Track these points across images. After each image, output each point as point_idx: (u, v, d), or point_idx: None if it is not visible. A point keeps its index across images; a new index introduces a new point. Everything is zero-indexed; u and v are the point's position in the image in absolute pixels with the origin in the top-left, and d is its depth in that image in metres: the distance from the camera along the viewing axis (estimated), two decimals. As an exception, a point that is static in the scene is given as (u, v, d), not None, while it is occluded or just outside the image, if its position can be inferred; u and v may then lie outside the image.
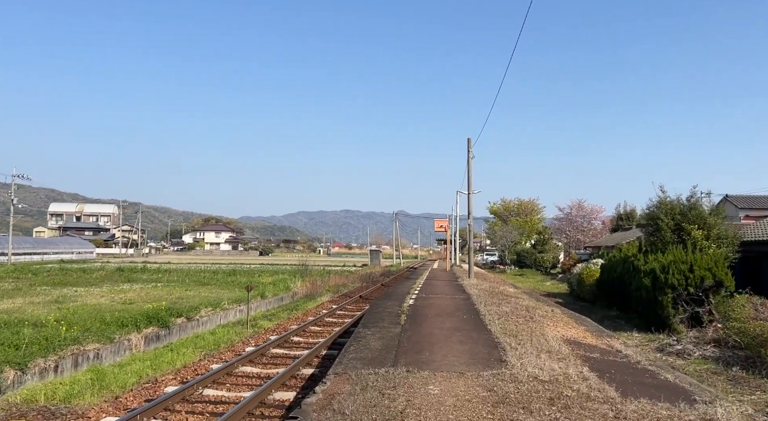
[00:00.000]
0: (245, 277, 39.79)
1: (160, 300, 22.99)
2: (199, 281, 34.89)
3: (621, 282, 20.87)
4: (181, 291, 28.10)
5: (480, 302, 13.10)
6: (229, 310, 20.11)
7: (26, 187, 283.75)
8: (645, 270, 17.42)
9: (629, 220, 47.02)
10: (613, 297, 22.72)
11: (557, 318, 11.88)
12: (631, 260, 20.15)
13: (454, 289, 18.51)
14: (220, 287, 30.75)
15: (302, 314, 18.75)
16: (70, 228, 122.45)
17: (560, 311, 13.79)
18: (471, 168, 21.54)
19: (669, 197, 20.15)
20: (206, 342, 13.60)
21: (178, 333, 15.81)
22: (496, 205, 78.37)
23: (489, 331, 9.34)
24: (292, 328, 15.08)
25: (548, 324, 10.62)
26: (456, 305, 13.13)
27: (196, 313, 17.69)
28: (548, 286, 40.28)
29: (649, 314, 17.09)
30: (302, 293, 27.87)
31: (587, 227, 69.49)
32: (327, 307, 20.97)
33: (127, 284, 32.44)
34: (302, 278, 31.80)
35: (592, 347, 9.05)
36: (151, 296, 24.65)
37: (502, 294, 16.28)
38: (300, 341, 13.14)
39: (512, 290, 19.74)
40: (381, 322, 10.44)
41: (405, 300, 14.31)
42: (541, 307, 13.54)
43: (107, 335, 13.01)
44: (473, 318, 10.81)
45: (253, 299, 23.30)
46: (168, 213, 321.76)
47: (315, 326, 15.51)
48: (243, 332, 15.24)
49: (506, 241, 66.31)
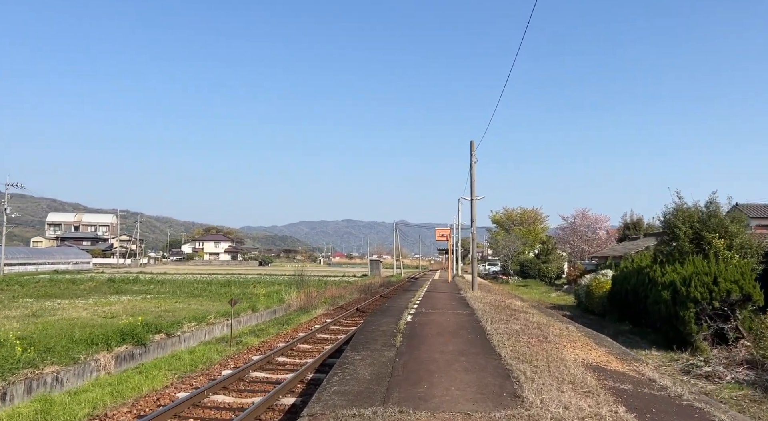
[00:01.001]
0: (240, 288, 38.50)
1: (146, 313, 21.71)
2: (190, 292, 33.60)
3: (635, 295, 19.52)
4: (170, 303, 26.88)
5: (486, 319, 11.77)
6: (215, 324, 18.80)
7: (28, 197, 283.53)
8: (663, 282, 16.08)
9: (636, 229, 45.65)
10: (625, 311, 21.35)
11: (573, 337, 10.54)
12: (647, 271, 18.82)
13: (457, 302, 17.16)
14: (211, 299, 29.48)
15: (293, 330, 17.43)
16: (68, 238, 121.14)
17: (575, 328, 12.43)
18: (474, 173, 20.27)
19: (686, 204, 18.85)
20: (182, 363, 12.27)
21: (156, 351, 14.49)
22: (498, 214, 77.07)
23: (498, 355, 8.02)
24: (278, 346, 13.75)
25: (565, 345, 9.29)
26: (459, 322, 11.80)
27: (178, 328, 16.38)
28: (554, 297, 38.86)
29: (669, 330, 15.74)
30: (297, 306, 26.55)
31: (591, 236, 68.06)
32: (321, 321, 19.65)
33: (115, 296, 31.16)
34: (298, 289, 30.49)
35: (621, 374, 7.72)
36: (137, 309, 23.39)
37: (509, 308, 14.94)
38: (285, 362, 11.82)
39: (519, 303, 18.38)
40: (373, 343, 9.12)
41: (402, 316, 12.98)
42: (554, 324, 12.21)
43: (72, 355, 11.72)
44: (479, 338, 9.49)
45: (243, 313, 21.99)
46: (170, 223, 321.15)
47: (305, 344, 14.18)
48: (225, 351, 13.92)
49: (509, 251, 64.96)
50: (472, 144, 20.45)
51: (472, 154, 20.26)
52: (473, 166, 20.25)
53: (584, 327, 14.31)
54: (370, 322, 12.00)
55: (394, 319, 12.29)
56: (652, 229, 46.51)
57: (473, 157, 20.17)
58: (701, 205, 18.57)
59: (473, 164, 20.23)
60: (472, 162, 20.25)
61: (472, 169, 20.30)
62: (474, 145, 20.37)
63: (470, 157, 20.31)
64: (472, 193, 20.27)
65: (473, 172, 20.27)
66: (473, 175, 20.26)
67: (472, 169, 20.32)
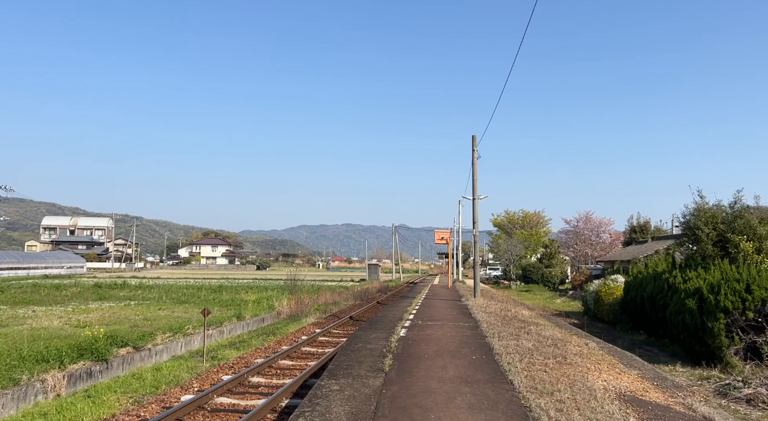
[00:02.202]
0: (231, 293, 36.91)
1: (123, 322, 20.14)
2: (177, 298, 32.00)
3: (652, 303, 17.94)
4: (153, 311, 25.33)
5: (492, 333, 10.18)
6: (194, 335, 17.19)
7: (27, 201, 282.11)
8: (687, 290, 14.49)
9: (644, 233, 44.09)
10: (640, 320, 19.77)
11: (597, 357, 8.95)
12: (665, 277, 17.25)
13: (458, 312, 15.55)
14: (198, 306, 27.90)
15: (276, 342, 15.83)
16: (63, 242, 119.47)
17: (595, 344, 10.80)
18: (476, 169, 18.67)
19: (708, 203, 17.27)
20: (142, 384, 10.68)
21: (119, 368, 12.89)
22: (499, 218, 75.44)
23: (511, 383, 6.44)
24: (256, 362, 12.17)
25: (589, 368, 7.71)
26: (461, 337, 10.20)
27: (149, 341, 14.79)
28: (559, 304, 37.26)
29: (694, 342, 14.15)
30: (287, 313, 24.95)
31: (596, 240, 66.49)
32: (309, 331, 18.05)
33: (97, 303, 29.58)
34: (292, 295, 28.89)
35: (665, 410, 6.13)
36: (115, 317, 21.84)
37: (517, 319, 13.35)
38: (260, 382, 10.23)
39: (527, 312, 16.75)
40: (357, 367, 7.54)
41: (396, 329, 11.38)
42: (571, 339, 10.61)
43: (13, 375, 10.14)
44: (486, 360, 7.90)
45: (227, 322, 20.40)
46: (169, 227, 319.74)
47: (286, 359, 12.59)
48: (197, 367, 12.33)
49: (511, 255, 63.36)
50: (473, 138, 18.84)
51: (474, 149, 18.65)
52: (475, 163, 18.65)
53: (604, 342, 12.69)
54: (357, 338, 10.38)
55: (385, 333, 10.69)
56: (660, 232, 44.95)
57: (475, 152, 18.58)
58: (725, 205, 16.99)
59: (475, 160, 18.63)
60: (474, 158, 18.67)
61: (474, 165, 18.70)
62: (476, 139, 18.73)
63: (472, 152, 18.72)
64: (474, 191, 18.65)
65: (475, 168, 18.66)
66: (475, 171, 18.65)
67: (474, 165, 18.72)
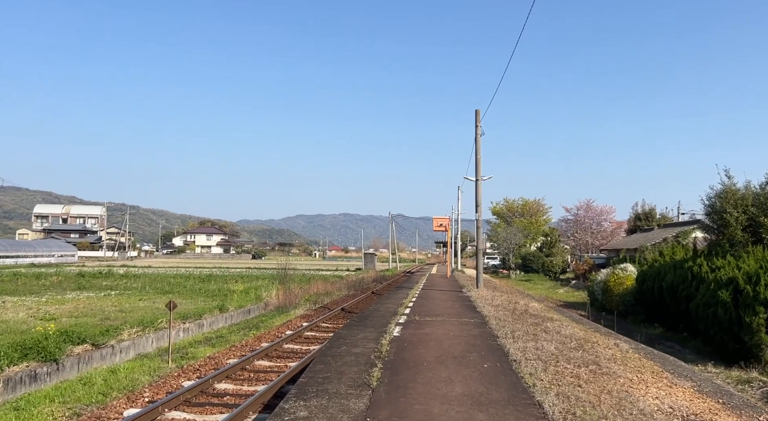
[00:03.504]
0: (219, 283, 35.35)
1: (96, 314, 18.49)
2: (161, 288, 30.38)
3: (672, 294, 16.35)
4: (132, 301, 23.74)
5: (504, 332, 8.53)
6: (167, 330, 15.57)
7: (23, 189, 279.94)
8: (719, 280, 12.88)
9: (649, 220, 42.52)
10: (657, 312, 18.20)
11: (634, 362, 7.31)
12: (688, 265, 15.63)
13: (460, 305, 13.89)
14: (183, 296, 26.31)
15: (257, 338, 14.19)
16: (55, 230, 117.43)
17: (626, 344, 9.10)
18: (479, 148, 16.92)
19: (736, 184, 15.62)
20: (88, 391, 9.04)
21: (72, 370, 11.24)
22: (498, 206, 73.84)
23: (540, 407, 4.80)
24: (228, 364, 10.53)
25: (631, 379, 6.09)
26: (467, 337, 8.55)
27: (114, 336, 13.14)
28: (562, 294, 35.73)
29: (727, 339, 12.56)
30: (275, 304, 23.34)
31: (596, 228, 65.00)
32: (296, 325, 16.43)
33: (75, 293, 27.94)
34: (282, 285, 27.26)
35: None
36: (89, 309, 20.21)
37: (529, 314, 11.71)
38: (227, 390, 8.59)
39: (537, 305, 15.09)
40: (336, 380, 5.88)
41: (388, 327, 9.71)
42: (597, 339, 8.97)
43: (-68, 381, 8.50)
44: (501, 369, 6.25)
45: (208, 314, 18.76)
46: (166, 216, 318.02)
47: (264, 359, 10.96)
48: (159, 369, 10.68)
49: (510, 243, 61.82)
50: (477, 113, 17.05)
51: (477, 125, 16.88)
52: (478, 140, 16.87)
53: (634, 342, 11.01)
54: (341, 339, 8.68)
55: (376, 333, 9.03)
56: (666, 220, 43.38)
57: (478, 128, 16.81)
58: (756, 186, 15.35)
59: (479, 137, 16.85)
60: (477, 134, 16.87)
61: (477, 142, 16.92)
62: (479, 114, 16.99)
63: (475, 128, 16.92)
64: (477, 171, 16.90)
65: (478, 146, 16.89)
66: (478, 149, 16.89)
67: (477, 142, 16.93)
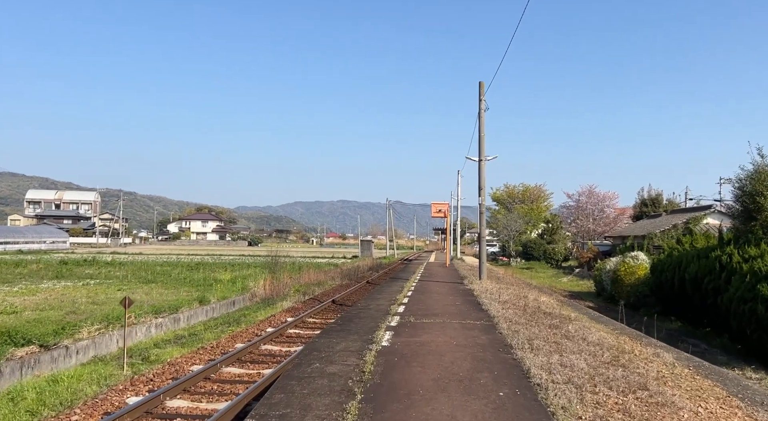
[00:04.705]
0: (208, 271, 33.82)
1: (65, 306, 16.88)
2: (145, 277, 28.82)
3: (695, 286, 14.80)
4: (111, 291, 22.21)
5: (519, 341, 6.92)
6: (137, 325, 14.02)
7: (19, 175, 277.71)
8: (758, 271, 11.32)
9: (655, 206, 40.95)
10: (675, 305, 16.68)
11: (689, 383, 5.74)
12: (715, 254, 14.06)
13: (463, 301, 12.29)
14: (165, 286, 24.78)
15: (231, 337, 12.60)
16: (48, 216, 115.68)
17: (671, 356, 7.39)
18: (483, 124, 15.20)
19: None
20: (14, 409, 7.47)
21: (12, 377, 9.68)
22: (499, 192, 72.20)
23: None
24: (190, 371, 8.98)
25: (695, 411, 4.54)
26: (474, 347, 6.93)
27: (70, 335, 11.58)
28: (566, 283, 34.24)
29: (765, 339, 11.06)
30: (262, 295, 21.80)
31: (599, 215, 63.46)
32: (280, 320, 14.88)
33: (53, 282, 26.39)
34: (271, 274, 25.71)
35: None
36: (59, 300, 18.65)
37: (542, 312, 10.15)
38: (179, 409, 7.03)
39: (549, 300, 13.46)
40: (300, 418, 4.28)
41: (377, 333, 8.07)
42: (632, 346, 7.39)
43: None
44: (523, 401, 4.65)
45: (185, 307, 17.20)
46: (163, 203, 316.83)
47: (233, 366, 9.39)
48: (111, 377, 9.11)
49: (510, 230, 60.33)
50: (480, 86, 15.27)
51: (480, 98, 15.13)
52: (482, 115, 15.14)
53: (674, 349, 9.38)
54: (314, 352, 6.98)
55: (360, 340, 7.41)
56: (673, 205, 41.84)
57: (482, 102, 15.06)
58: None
59: (482, 112, 15.12)
60: (480, 108, 15.14)
61: (481, 118, 15.20)
62: (483, 87, 15.22)
63: (479, 102, 15.17)
64: (481, 150, 15.19)
65: (482, 122, 15.17)
66: (482, 126, 15.17)
67: (480, 118, 15.21)
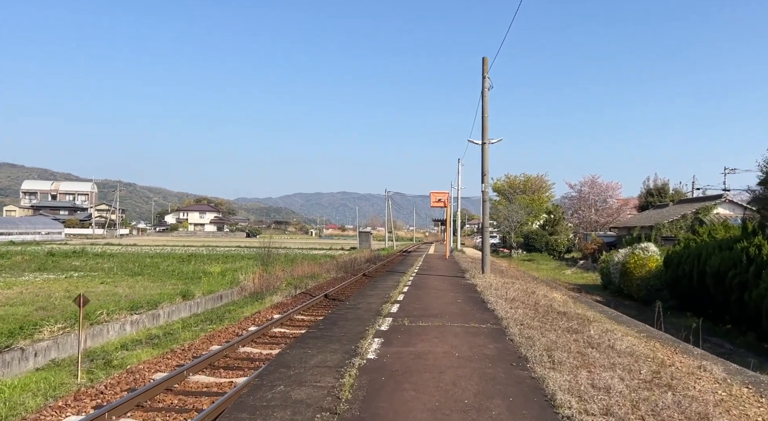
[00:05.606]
0: (200, 263, 32.76)
1: (38, 301, 15.86)
2: (133, 269, 27.74)
3: (717, 280, 13.66)
4: (92, 285, 21.19)
5: (536, 352, 5.70)
6: (111, 323, 12.89)
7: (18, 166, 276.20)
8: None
9: (662, 196, 39.76)
10: (693, 300, 15.55)
11: (751, 408, 4.59)
12: (740, 246, 12.90)
13: (465, 299, 11.11)
14: (152, 279, 23.69)
15: (207, 337, 11.42)
16: (44, 207, 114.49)
17: (722, 371, 6.10)
18: (487, 104, 13.94)
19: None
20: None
21: (-48, 384, 8.55)
22: (499, 182, 70.95)
23: None
24: (152, 380, 7.83)
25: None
26: (480, 360, 5.71)
27: (28, 336, 10.43)
28: (570, 275, 33.12)
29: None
30: (251, 289, 20.67)
31: (601, 205, 62.27)
32: (265, 318, 13.73)
33: (35, 274, 25.29)
34: (263, 266, 24.58)
35: None
36: (34, 295, 17.58)
37: (556, 311, 8.98)
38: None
39: (560, 297, 12.28)
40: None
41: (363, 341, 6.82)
42: (672, 357, 6.24)
43: None
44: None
45: (166, 302, 16.06)
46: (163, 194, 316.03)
47: (202, 373, 8.23)
48: (62, 386, 7.97)
49: (511, 221, 59.16)
50: (484, 62, 13.98)
51: (484, 76, 13.86)
52: (486, 94, 13.87)
53: (723, 361, 8.15)
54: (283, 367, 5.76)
55: (342, 350, 6.19)
56: (679, 195, 40.66)
57: (486, 80, 13.78)
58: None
59: (486, 91, 13.84)
60: (484, 87, 13.85)
61: (485, 97, 13.94)
62: (487, 63, 13.95)
63: (482, 80, 13.91)
64: (484, 133, 13.97)
65: (485, 102, 13.92)
66: (485, 106, 13.91)
67: (484, 97, 13.96)
